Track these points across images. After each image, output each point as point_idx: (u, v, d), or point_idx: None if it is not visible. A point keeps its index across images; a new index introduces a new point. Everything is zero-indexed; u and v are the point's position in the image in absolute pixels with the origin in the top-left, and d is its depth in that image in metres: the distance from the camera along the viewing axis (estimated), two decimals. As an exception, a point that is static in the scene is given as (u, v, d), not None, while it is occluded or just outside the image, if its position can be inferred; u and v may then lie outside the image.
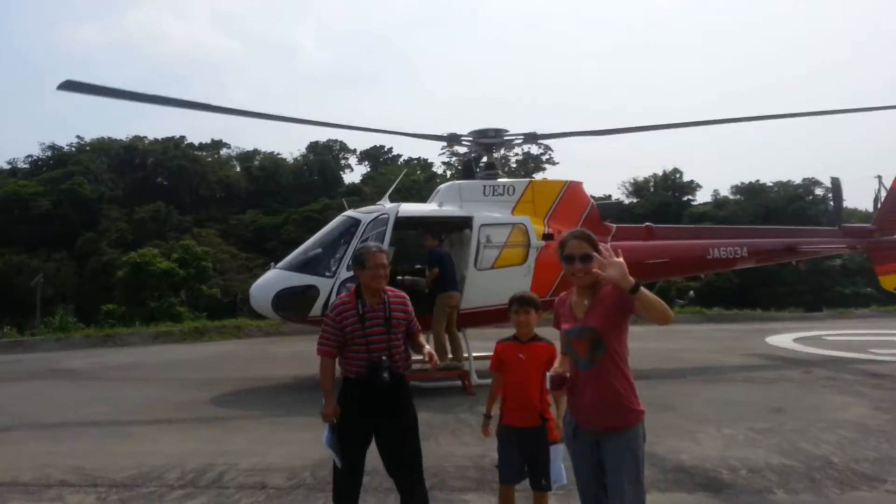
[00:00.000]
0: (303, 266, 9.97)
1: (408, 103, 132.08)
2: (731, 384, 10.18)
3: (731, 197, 54.20)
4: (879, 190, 30.89)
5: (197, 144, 64.02)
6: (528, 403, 4.33)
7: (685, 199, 55.14)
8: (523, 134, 11.45)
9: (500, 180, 11.19)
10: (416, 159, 57.94)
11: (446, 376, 9.77)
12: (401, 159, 56.54)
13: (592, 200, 11.56)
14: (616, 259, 3.27)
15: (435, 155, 62.34)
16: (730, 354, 12.60)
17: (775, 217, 39.88)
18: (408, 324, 4.62)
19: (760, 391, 9.50)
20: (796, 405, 8.56)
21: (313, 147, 60.79)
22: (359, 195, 52.20)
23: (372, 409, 4.47)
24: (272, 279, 10.04)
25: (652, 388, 9.29)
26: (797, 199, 48.95)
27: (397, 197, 11.17)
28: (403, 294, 4.63)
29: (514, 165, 51.76)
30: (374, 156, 60.20)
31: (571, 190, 11.28)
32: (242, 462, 6.54)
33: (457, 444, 7.10)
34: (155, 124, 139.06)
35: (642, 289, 3.24)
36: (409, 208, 10.66)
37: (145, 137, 61.89)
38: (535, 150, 51.94)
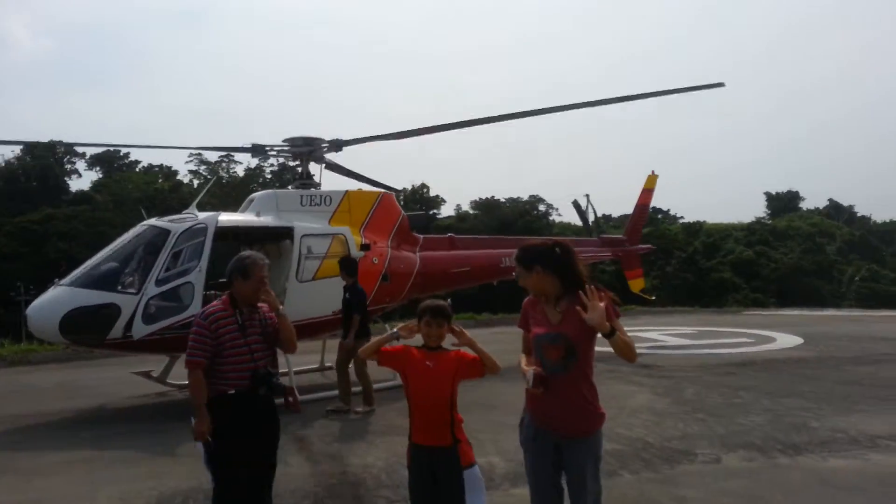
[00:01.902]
0: (97, 282, 8.63)
1: (140, 105, 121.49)
2: (533, 381, 11.02)
3: (472, 211, 59.03)
4: (588, 206, 35.71)
5: None
6: (438, 417, 3.80)
7: (432, 212, 58.25)
8: (328, 141, 11.27)
9: (316, 190, 10.96)
10: (157, 167, 53.22)
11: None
12: (139, 166, 51.40)
13: (403, 212, 11.79)
14: (598, 304, 3.41)
15: (181, 163, 56.51)
16: (517, 354, 13.58)
17: (508, 229, 44.07)
18: None
19: (559, 385, 10.44)
20: (595, 396, 9.58)
21: (31, 148, 52.78)
22: (90, 204, 46.64)
23: (250, 429, 4.27)
24: (58, 298, 8.53)
25: (473, 390, 9.66)
26: (525, 213, 54.71)
27: (136, 208, 10.32)
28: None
29: (269, 177, 50.29)
30: (107, 161, 53.80)
31: (385, 201, 11.43)
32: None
33: (309, 464, 6.78)
34: None
35: (617, 333, 3.44)
36: (229, 218, 9.90)
37: None
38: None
